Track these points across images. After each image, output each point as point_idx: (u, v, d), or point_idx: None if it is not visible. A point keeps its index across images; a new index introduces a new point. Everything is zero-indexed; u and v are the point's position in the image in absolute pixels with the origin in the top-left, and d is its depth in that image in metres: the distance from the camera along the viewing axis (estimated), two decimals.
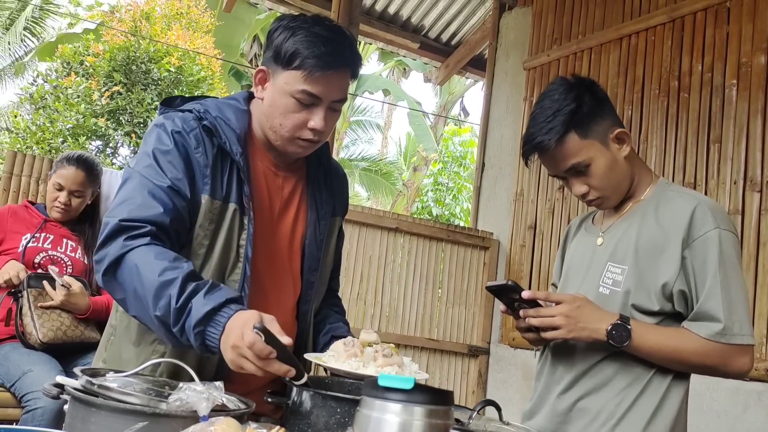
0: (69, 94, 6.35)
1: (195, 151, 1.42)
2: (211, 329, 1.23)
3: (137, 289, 1.29)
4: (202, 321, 1.23)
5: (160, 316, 1.26)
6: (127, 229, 1.33)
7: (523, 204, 4.73)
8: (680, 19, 3.79)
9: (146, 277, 1.27)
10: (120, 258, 1.31)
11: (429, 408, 0.89)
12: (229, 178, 1.44)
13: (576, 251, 1.79)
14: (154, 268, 1.28)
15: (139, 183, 1.39)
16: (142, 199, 1.36)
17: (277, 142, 1.49)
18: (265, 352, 1.16)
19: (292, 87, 1.40)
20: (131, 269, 1.30)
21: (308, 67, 1.38)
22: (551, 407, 1.66)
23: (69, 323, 2.73)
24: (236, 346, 1.18)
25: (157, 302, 1.26)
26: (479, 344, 4.72)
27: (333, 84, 1.42)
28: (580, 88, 1.61)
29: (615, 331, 1.49)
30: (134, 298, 1.30)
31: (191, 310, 1.24)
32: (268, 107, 1.46)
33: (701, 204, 1.54)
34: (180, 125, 1.43)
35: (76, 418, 1.04)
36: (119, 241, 1.32)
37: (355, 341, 1.32)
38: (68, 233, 2.94)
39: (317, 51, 1.38)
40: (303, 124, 1.43)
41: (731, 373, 1.54)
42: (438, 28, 6.37)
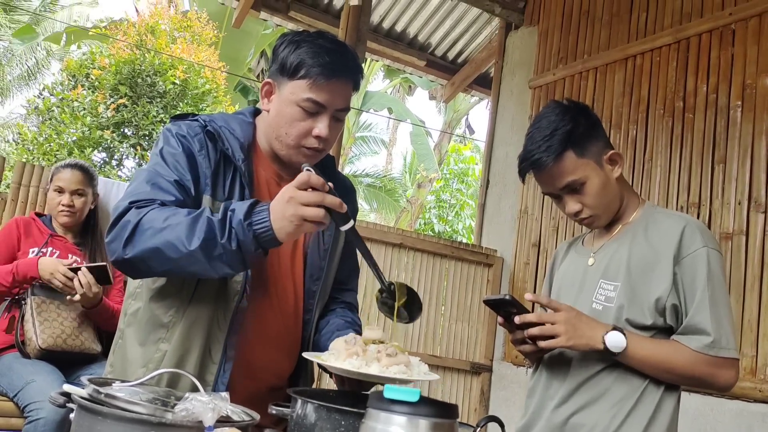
0: (75, 107, 6.40)
1: (198, 154, 1.48)
2: (258, 217, 1.28)
3: (166, 238, 1.31)
4: (247, 214, 1.28)
5: (200, 243, 1.28)
6: (137, 204, 1.38)
7: (527, 221, 4.73)
8: (685, 40, 3.82)
9: (174, 222, 1.31)
10: (139, 222, 1.34)
11: (434, 421, 0.90)
12: (231, 183, 1.50)
13: (567, 272, 1.83)
14: (178, 214, 1.33)
15: (147, 177, 1.44)
16: (150, 189, 1.42)
17: (282, 151, 1.53)
18: (321, 181, 1.24)
19: (298, 96, 1.46)
20: (154, 225, 1.33)
21: (313, 76, 1.45)
22: (546, 422, 1.68)
23: (70, 332, 2.73)
24: (292, 197, 1.25)
25: (193, 233, 1.29)
26: (482, 361, 4.71)
27: (336, 92, 1.48)
28: (575, 110, 1.69)
29: (612, 337, 1.54)
30: (165, 247, 1.31)
31: (234, 212, 1.29)
32: (274, 117, 1.51)
33: (690, 224, 1.62)
34: (185, 130, 1.50)
35: (83, 426, 1.05)
36: (132, 211, 1.36)
37: (357, 339, 1.30)
38: (73, 247, 2.96)
39: (321, 60, 1.45)
40: (308, 132, 1.49)
41: (718, 386, 1.58)
42: (444, 46, 6.42)
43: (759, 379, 3.05)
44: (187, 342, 1.45)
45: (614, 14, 4.37)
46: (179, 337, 1.45)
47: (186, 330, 1.45)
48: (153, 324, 1.48)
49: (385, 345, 1.27)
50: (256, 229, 1.28)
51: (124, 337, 1.54)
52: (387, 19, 6.10)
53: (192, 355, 1.44)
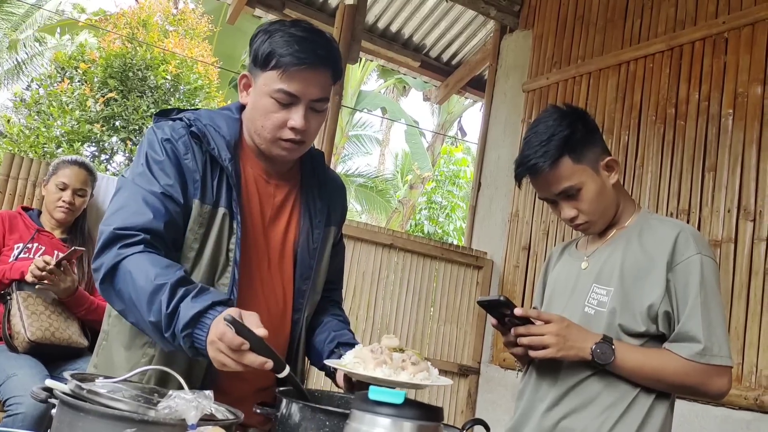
0: (64, 101, 6.35)
1: (184, 158, 1.45)
2: (198, 331, 1.24)
3: (132, 296, 1.31)
4: (189, 324, 1.24)
5: (153, 322, 1.28)
6: (121, 237, 1.35)
7: (518, 225, 4.74)
8: (679, 47, 3.83)
9: (139, 284, 1.30)
10: (115, 266, 1.33)
11: (418, 424, 0.89)
12: (218, 183, 1.47)
13: (560, 275, 1.83)
14: (147, 274, 1.30)
15: (132, 191, 1.41)
16: (135, 207, 1.38)
17: (262, 145, 1.51)
18: (235, 343, 1.16)
19: (270, 87, 1.43)
20: (126, 277, 1.32)
21: (282, 65, 1.41)
22: (535, 425, 1.68)
23: (58, 325, 2.71)
24: (212, 341, 1.20)
25: (150, 308, 1.28)
26: (470, 364, 4.71)
27: (310, 82, 1.44)
28: (573, 116, 1.69)
29: (599, 349, 1.54)
30: (131, 305, 1.32)
31: (179, 314, 1.25)
32: (251, 111, 1.49)
33: (684, 231, 1.62)
34: (169, 133, 1.47)
35: (64, 423, 1.04)
36: (114, 250, 1.34)
37: (383, 348, 1.28)
38: (59, 243, 2.94)
39: (291, 49, 1.41)
40: (282, 124, 1.45)
41: (710, 394, 1.58)
42: (439, 48, 6.42)
43: (744, 386, 3.06)
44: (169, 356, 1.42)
45: (608, 20, 4.38)
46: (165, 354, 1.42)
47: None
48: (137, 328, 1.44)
49: (408, 353, 1.28)
50: (194, 341, 1.25)
51: (108, 339, 1.52)
52: (382, 19, 6.09)
53: (179, 358, 1.41)
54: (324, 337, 1.63)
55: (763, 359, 3.04)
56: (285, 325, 1.58)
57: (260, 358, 1.18)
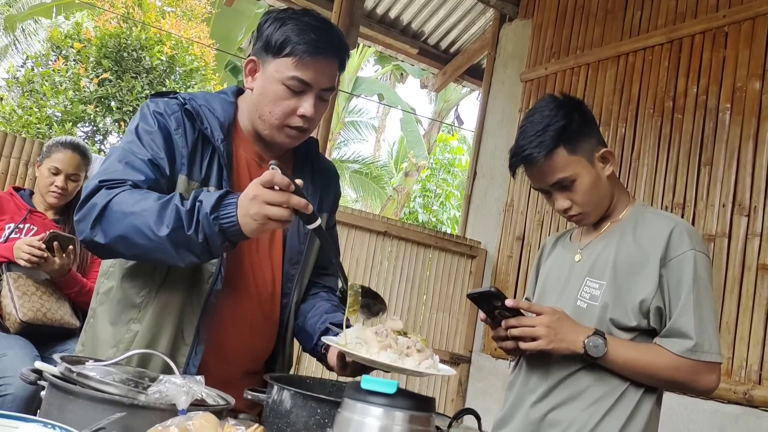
0: (57, 81, 6.28)
1: (175, 132, 1.45)
2: (225, 211, 1.26)
3: (134, 223, 1.30)
4: (215, 207, 1.26)
5: (169, 231, 1.27)
6: (107, 185, 1.36)
7: (513, 215, 4.73)
8: (678, 40, 3.82)
9: (143, 207, 1.30)
10: (107, 204, 1.33)
11: (411, 414, 0.89)
12: (209, 163, 1.47)
13: (553, 267, 1.82)
14: (147, 199, 1.31)
15: (120, 155, 1.42)
16: (122, 167, 1.39)
17: (266, 131, 1.51)
18: (285, 182, 1.21)
19: (283, 74, 1.44)
20: (123, 209, 1.31)
21: (298, 53, 1.42)
22: (524, 417, 1.68)
23: (50, 306, 2.70)
24: (256, 195, 1.22)
25: (161, 220, 1.28)
26: (461, 352, 4.72)
27: (322, 71, 1.46)
28: (570, 106, 1.67)
29: (592, 342, 1.53)
30: (133, 232, 1.30)
31: (201, 204, 1.27)
32: (258, 96, 1.49)
33: (678, 226, 1.60)
34: (162, 108, 1.47)
35: (53, 405, 1.03)
36: (102, 192, 1.35)
37: (388, 331, 1.21)
38: (52, 224, 2.89)
39: (307, 38, 1.42)
40: (292, 111, 1.46)
41: (699, 389, 1.58)
42: (437, 35, 6.39)
43: (734, 380, 3.08)
44: (159, 323, 1.43)
45: (609, 11, 4.36)
46: (151, 318, 1.43)
47: (158, 311, 1.43)
48: (125, 304, 1.46)
49: (414, 339, 1.21)
50: (223, 223, 1.26)
51: (95, 316, 1.52)
52: (381, 5, 6.05)
53: (163, 336, 1.42)
54: (316, 320, 1.62)
55: (753, 354, 3.05)
56: (274, 308, 1.58)
57: (304, 200, 1.23)
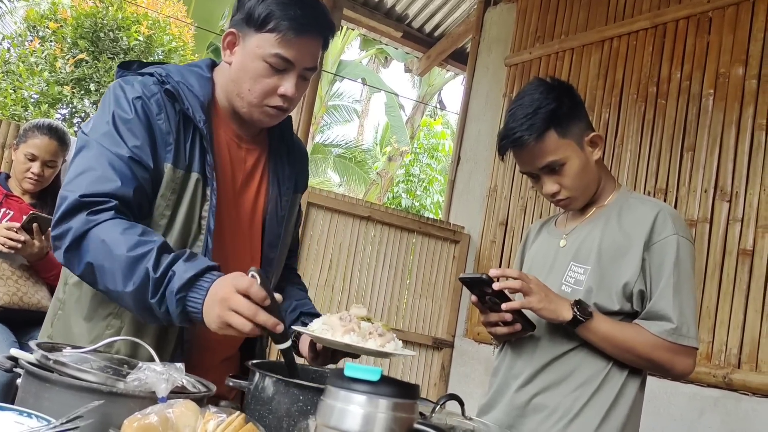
0: (33, 62, 6.15)
1: (157, 118, 1.36)
2: (194, 294, 1.19)
3: (105, 265, 1.24)
4: (184, 287, 1.18)
5: (133, 290, 1.21)
6: (88, 204, 1.27)
7: (496, 200, 4.74)
8: (663, 25, 3.82)
9: (115, 253, 1.22)
10: (84, 233, 1.25)
11: (394, 401, 0.88)
12: (191, 146, 1.39)
13: (538, 252, 1.83)
14: (123, 243, 1.22)
15: (97, 152, 1.32)
16: (101, 171, 1.30)
17: (243, 109, 1.44)
18: (261, 295, 1.13)
19: (265, 50, 1.37)
20: (98, 245, 1.24)
21: (282, 30, 1.35)
22: (509, 401, 1.69)
23: (26, 290, 2.65)
24: (225, 298, 1.14)
25: (130, 276, 1.21)
26: (444, 337, 4.73)
27: (306, 49, 1.39)
28: (560, 89, 1.67)
29: (578, 305, 1.54)
30: (102, 273, 1.25)
31: (173, 277, 1.19)
32: (237, 71, 1.41)
33: (663, 210, 1.62)
34: (140, 90, 1.37)
35: (29, 393, 1.00)
36: (81, 216, 1.26)
37: (351, 316, 1.28)
38: (29, 209, 2.83)
39: (293, 13, 1.35)
40: (273, 90, 1.40)
41: (675, 372, 1.60)
42: (422, 19, 6.34)
43: (714, 364, 3.11)
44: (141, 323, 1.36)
45: None
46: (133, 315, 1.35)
47: None
48: (100, 298, 1.37)
49: (375, 325, 1.28)
50: (188, 305, 1.19)
51: (65, 309, 1.43)
52: None
53: (149, 330, 1.35)
54: (286, 305, 1.60)
55: (733, 338, 3.08)
56: None
57: (274, 319, 1.15)
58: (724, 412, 3.04)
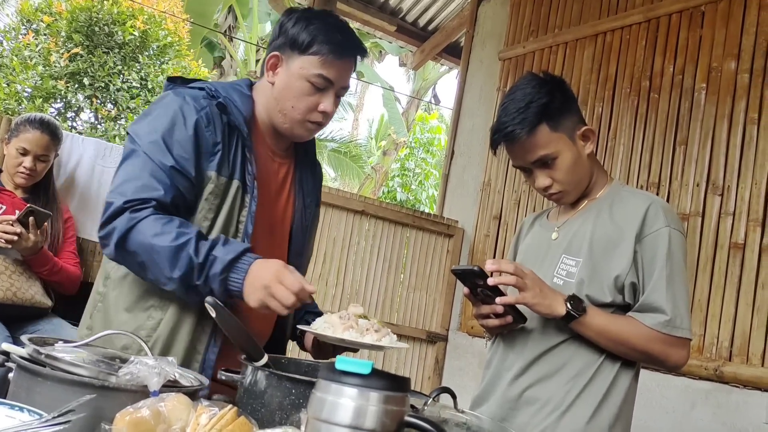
0: (27, 55, 6.10)
1: (206, 130, 1.48)
2: (234, 275, 1.35)
3: (152, 257, 1.37)
4: (225, 268, 1.35)
5: (180, 276, 1.36)
6: (130, 208, 1.40)
7: (490, 194, 4.74)
8: (656, 19, 3.82)
9: (159, 244, 1.36)
10: (129, 230, 1.38)
11: (385, 394, 0.88)
12: (234, 156, 1.52)
13: (530, 245, 1.84)
14: (166, 235, 1.37)
15: (143, 162, 1.43)
16: (145, 180, 1.42)
17: (285, 125, 1.58)
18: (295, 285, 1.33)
19: (308, 71, 1.52)
20: (143, 239, 1.37)
21: (324, 53, 1.51)
22: (501, 394, 1.69)
23: (20, 285, 2.65)
24: (268, 285, 1.32)
25: (175, 263, 1.35)
26: (438, 331, 4.75)
27: (344, 70, 1.56)
28: (552, 84, 1.67)
29: (572, 300, 1.54)
30: (151, 264, 1.38)
31: (214, 261, 1.35)
32: (281, 90, 1.55)
33: (654, 203, 1.62)
34: (191, 103, 1.49)
35: (21, 387, 1.01)
36: (125, 215, 1.39)
37: (349, 314, 1.40)
38: (22, 203, 2.82)
39: (334, 38, 1.52)
40: (314, 107, 1.55)
41: (669, 364, 1.60)
42: (416, 12, 6.33)
43: (705, 357, 3.13)
44: (183, 312, 1.48)
45: None
46: (176, 305, 1.47)
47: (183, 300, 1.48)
48: (143, 290, 1.49)
49: (372, 321, 1.41)
50: (230, 285, 1.35)
51: (105, 301, 1.54)
52: None
53: (186, 324, 1.47)
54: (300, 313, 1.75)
55: (724, 331, 3.10)
56: None
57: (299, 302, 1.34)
58: (715, 405, 3.06)
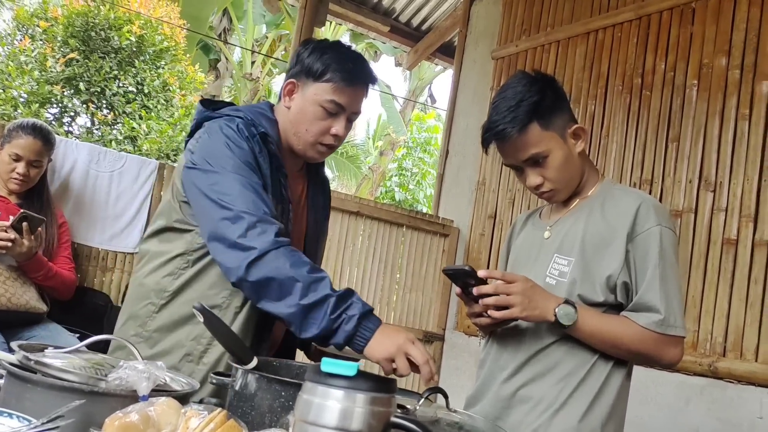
0: (23, 61, 6.11)
1: (259, 156, 1.58)
2: (363, 332, 1.45)
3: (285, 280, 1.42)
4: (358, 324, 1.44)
5: (310, 303, 1.41)
6: (269, 222, 1.47)
7: (485, 193, 4.75)
8: (647, 17, 3.83)
9: (300, 272, 1.43)
10: (270, 251, 1.43)
11: (371, 395, 0.89)
12: (274, 180, 1.61)
13: (523, 245, 1.84)
14: (304, 267, 1.44)
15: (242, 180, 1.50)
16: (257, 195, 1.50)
17: (299, 146, 1.68)
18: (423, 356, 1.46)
19: (321, 97, 1.62)
20: (283, 264, 1.43)
21: (337, 80, 1.61)
22: (495, 393, 1.70)
23: (14, 291, 2.65)
24: (402, 345, 1.44)
25: (306, 293, 1.41)
26: (435, 330, 4.76)
27: (356, 97, 1.66)
28: (542, 82, 1.67)
29: (563, 310, 1.54)
30: (279, 285, 1.42)
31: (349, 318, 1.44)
32: (296, 114, 1.66)
33: (645, 202, 1.62)
34: (246, 131, 1.58)
35: (11, 394, 1.01)
36: (270, 235, 1.45)
37: None
38: (16, 209, 2.82)
39: (346, 67, 1.62)
40: (326, 131, 1.65)
41: (664, 362, 1.61)
42: (409, 13, 6.34)
43: (699, 353, 3.15)
44: (248, 324, 1.57)
45: None
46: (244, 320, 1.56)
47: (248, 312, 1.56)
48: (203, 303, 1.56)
49: None
50: (358, 337, 1.43)
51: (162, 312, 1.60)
52: None
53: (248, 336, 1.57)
54: None
55: (718, 327, 3.11)
56: None
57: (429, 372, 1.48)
58: (710, 400, 3.07)
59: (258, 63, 13.23)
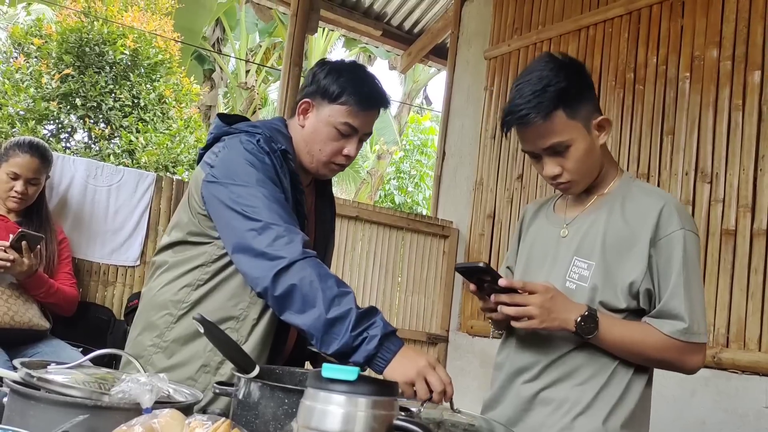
0: (18, 78, 6.12)
1: (281, 171, 1.60)
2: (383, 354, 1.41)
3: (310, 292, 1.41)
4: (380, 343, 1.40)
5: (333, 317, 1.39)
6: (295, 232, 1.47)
7: (483, 193, 4.76)
8: (637, 11, 3.85)
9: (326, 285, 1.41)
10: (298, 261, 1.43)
11: (373, 399, 0.89)
12: (292, 195, 1.63)
13: (537, 240, 1.76)
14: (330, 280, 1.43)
15: (266, 193, 1.52)
16: (283, 209, 1.52)
17: (311, 164, 1.71)
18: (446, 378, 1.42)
19: (336, 119, 1.65)
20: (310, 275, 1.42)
21: (352, 104, 1.64)
22: (515, 395, 1.66)
23: (17, 309, 2.66)
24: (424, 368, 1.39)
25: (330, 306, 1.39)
26: (438, 332, 4.76)
27: (368, 119, 1.69)
28: (571, 68, 1.57)
29: (584, 322, 1.49)
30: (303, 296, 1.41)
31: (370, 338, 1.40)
32: (310, 134, 1.68)
33: (668, 204, 1.55)
34: (267, 148, 1.60)
35: (15, 411, 1.02)
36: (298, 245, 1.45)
37: None
38: (15, 227, 2.82)
39: (363, 91, 1.65)
40: (339, 151, 1.68)
41: (686, 369, 1.57)
42: (400, 16, 6.36)
43: None
44: (267, 336, 1.59)
45: None
46: (261, 332, 1.58)
47: (268, 324, 1.58)
48: (220, 315, 1.57)
49: None
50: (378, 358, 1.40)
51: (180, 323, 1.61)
52: None
53: (266, 348, 1.60)
54: None
55: (720, 318, 3.12)
56: None
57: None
58: (715, 391, 3.08)
59: (252, 72, 13.26)
